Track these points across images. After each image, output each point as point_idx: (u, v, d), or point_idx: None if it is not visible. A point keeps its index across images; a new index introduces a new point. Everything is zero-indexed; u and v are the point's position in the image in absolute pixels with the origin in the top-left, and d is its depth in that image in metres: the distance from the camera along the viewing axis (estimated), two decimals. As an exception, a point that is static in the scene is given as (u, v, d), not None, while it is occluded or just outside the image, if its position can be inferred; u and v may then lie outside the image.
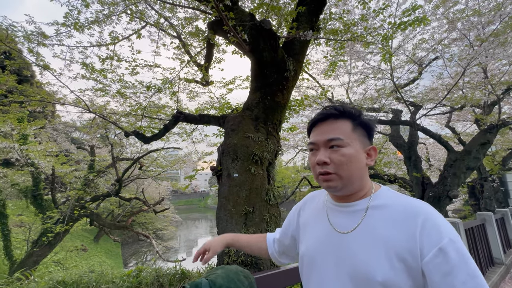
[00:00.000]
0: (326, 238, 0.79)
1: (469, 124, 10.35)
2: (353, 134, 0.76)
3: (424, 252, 0.63)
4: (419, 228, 0.65)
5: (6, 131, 7.32)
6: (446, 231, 0.64)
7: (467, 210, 14.94)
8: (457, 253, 0.61)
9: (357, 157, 0.74)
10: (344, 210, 0.79)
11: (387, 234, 0.68)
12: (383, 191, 0.78)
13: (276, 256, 1.07)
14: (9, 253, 8.58)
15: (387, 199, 0.75)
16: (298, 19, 3.17)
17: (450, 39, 6.12)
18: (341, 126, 0.76)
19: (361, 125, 0.78)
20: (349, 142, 0.74)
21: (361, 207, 0.76)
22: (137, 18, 4.08)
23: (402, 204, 0.72)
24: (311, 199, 0.98)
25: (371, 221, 0.72)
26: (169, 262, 7.35)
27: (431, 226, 0.65)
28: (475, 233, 4.02)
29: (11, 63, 3.93)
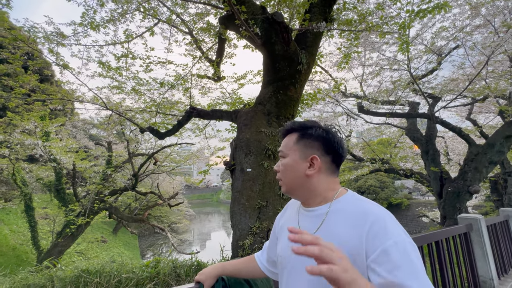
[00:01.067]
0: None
1: (492, 116, 9.81)
2: (294, 146, 0.87)
3: (369, 253, 0.68)
4: (367, 230, 0.71)
5: (30, 128, 7.72)
6: (392, 233, 0.68)
7: (488, 206, 14.30)
8: (401, 254, 0.64)
9: (293, 166, 0.85)
10: (309, 214, 0.87)
11: (341, 236, 0.75)
12: (346, 196, 0.85)
13: (271, 269, 1.08)
14: (36, 243, 9.14)
15: (346, 204, 0.82)
16: (311, 10, 3.10)
17: (472, 26, 5.77)
18: (288, 139, 0.90)
19: (305, 136, 0.86)
20: (289, 153, 0.87)
21: (322, 211, 0.84)
22: (150, 15, 4.14)
23: (357, 208, 0.78)
24: (292, 205, 1.04)
25: (328, 225, 0.80)
26: (184, 254, 7.57)
27: (377, 229, 0.70)
28: (498, 230, 3.85)
29: (33, 63, 4.11)
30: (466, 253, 3.03)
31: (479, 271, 3.11)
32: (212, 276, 1.11)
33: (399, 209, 24.22)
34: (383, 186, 25.22)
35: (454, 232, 2.91)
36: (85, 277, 2.24)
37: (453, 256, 2.75)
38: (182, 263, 2.60)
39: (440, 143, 11.07)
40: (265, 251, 1.12)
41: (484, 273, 3.12)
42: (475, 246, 3.17)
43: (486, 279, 3.10)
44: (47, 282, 2.17)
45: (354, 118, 9.32)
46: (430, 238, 2.48)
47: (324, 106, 9.24)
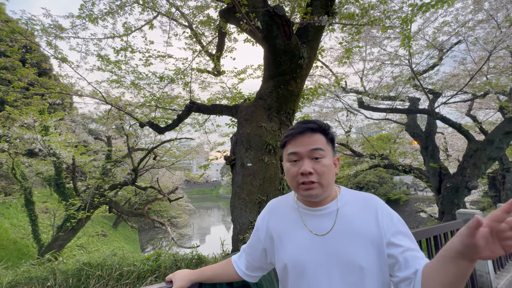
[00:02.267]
0: (309, 243, 0.85)
1: (492, 112, 9.81)
2: (327, 147, 0.86)
3: (386, 232, 0.79)
4: (380, 217, 0.81)
5: (29, 122, 7.68)
6: (393, 213, 0.84)
7: (485, 201, 14.43)
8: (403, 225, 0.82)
9: (332, 166, 0.85)
10: (318, 214, 0.87)
11: (359, 227, 0.81)
12: (344, 191, 0.91)
13: (248, 273, 1.05)
14: (37, 236, 9.20)
15: (349, 198, 0.88)
16: (313, 3, 3.06)
17: (475, 21, 5.72)
18: (318, 138, 0.85)
19: (330, 140, 0.89)
20: (327, 153, 0.85)
21: (333, 208, 0.86)
22: (149, 8, 4.08)
23: (360, 200, 0.87)
24: (275, 207, 1.00)
25: (344, 219, 0.84)
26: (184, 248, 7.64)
27: (386, 213, 0.83)
28: (495, 225, 3.89)
29: (31, 57, 4.07)
30: (464, 247, 3.06)
31: (476, 265, 3.16)
32: (187, 279, 1.02)
33: (398, 205, 24.41)
34: (382, 181, 25.35)
35: (452, 227, 2.94)
36: (87, 270, 2.26)
37: (451, 251, 2.79)
38: (183, 257, 2.63)
39: (440, 139, 11.09)
40: (243, 256, 1.07)
41: (480, 268, 3.16)
42: (472, 240, 3.20)
43: (482, 273, 3.15)
44: (49, 275, 2.19)
45: (354, 113, 9.30)
46: (429, 232, 2.50)
47: (324, 101, 9.21)
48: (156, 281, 2.28)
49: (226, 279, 1.10)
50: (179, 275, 1.03)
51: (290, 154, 0.85)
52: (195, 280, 1.05)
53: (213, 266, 1.11)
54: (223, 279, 1.10)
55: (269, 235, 0.95)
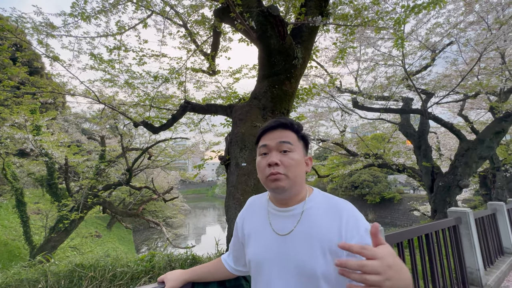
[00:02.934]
0: (270, 242, 0.87)
1: (483, 112, 10.01)
2: (297, 143, 0.88)
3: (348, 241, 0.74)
4: (344, 224, 0.78)
5: (20, 122, 7.54)
6: (362, 222, 0.79)
7: (477, 200, 14.72)
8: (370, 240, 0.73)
9: (301, 162, 0.86)
10: (284, 215, 0.88)
11: (320, 232, 0.79)
12: (316, 194, 0.90)
13: (238, 269, 1.07)
14: (28, 238, 9.04)
15: (318, 201, 0.87)
16: (307, 4, 3.07)
17: (466, 22, 5.83)
18: (289, 134, 0.87)
19: (301, 138, 0.90)
20: (296, 148, 0.86)
21: (298, 210, 0.86)
22: (142, 6, 4.04)
23: (329, 205, 0.85)
24: (251, 205, 1.03)
25: (306, 222, 0.83)
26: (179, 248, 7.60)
27: (352, 222, 0.78)
28: (485, 223, 3.98)
29: (22, 55, 3.99)
30: (455, 245, 3.12)
31: (467, 262, 3.22)
32: (179, 279, 1.03)
33: (392, 203, 24.73)
34: (376, 180, 25.63)
35: (443, 225, 2.99)
36: (79, 271, 2.24)
37: (442, 248, 2.84)
38: (177, 257, 2.62)
39: (432, 138, 11.26)
40: (231, 253, 1.09)
41: (471, 264, 3.23)
42: (463, 238, 3.27)
43: (473, 270, 3.21)
44: (41, 277, 2.16)
45: (348, 113, 9.38)
46: (420, 231, 2.54)
47: (319, 101, 9.27)
48: (150, 282, 2.27)
49: (218, 277, 1.11)
50: (171, 275, 1.04)
51: (261, 147, 0.88)
52: (187, 280, 1.05)
53: (205, 265, 1.12)
54: (216, 277, 1.11)
55: (243, 232, 0.99)
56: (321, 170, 13.02)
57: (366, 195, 25.71)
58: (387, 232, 2.21)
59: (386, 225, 22.22)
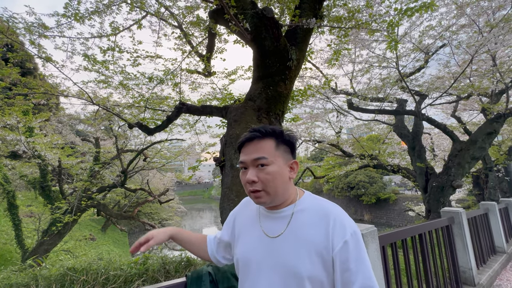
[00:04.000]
0: (258, 243, 0.87)
1: (475, 113, 10.17)
2: (276, 152, 0.84)
3: (334, 245, 0.76)
4: (331, 227, 0.78)
5: (12, 123, 7.40)
6: (349, 227, 0.78)
7: (470, 200, 14.91)
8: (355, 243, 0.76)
9: (280, 173, 0.83)
10: (274, 216, 0.88)
11: (308, 235, 0.80)
12: (305, 197, 0.90)
13: (216, 256, 1.08)
14: (20, 242, 8.87)
15: (307, 204, 0.86)
16: (301, 6, 3.09)
17: (458, 25, 5.93)
18: (265, 145, 0.83)
19: (283, 142, 0.86)
20: (273, 160, 0.82)
21: (288, 213, 0.86)
22: (137, 7, 4.02)
23: (318, 207, 0.84)
24: (246, 205, 1.04)
25: (295, 225, 0.83)
26: (174, 250, 7.54)
27: (339, 225, 0.78)
28: (478, 223, 4.03)
29: (14, 56, 3.93)
30: (448, 245, 3.16)
31: (459, 261, 3.26)
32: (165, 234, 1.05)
33: (387, 204, 24.91)
34: (372, 181, 25.81)
35: (436, 225, 3.03)
36: (71, 275, 2.20)
37: (435, 248, 2.87)
38: (172, 260, 2.59)
39: (426, 139, 11.40)
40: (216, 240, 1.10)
41: (464, 264, 3.27)
42: (456, 238, 3.31)
43: (465, 269, 3.25)
44: (31, 281, 2.11)
45: (344, 114, 9.45)
46: (414, 231, 2.57)
47: (315, 103, 9.32)
48: (144, 285, 2.24)
49: (195, 251, 1.11)
50: (157, 231, 1.04)
51: (239, 162, 0.87)
52: (172, 236, 1.07)
53: (190, 234, 1.13)
54: (193, 250, 1.11)
55: (233, 230, 1.01)
56: (317, 171, 13.07)
57: (362, 195, 25.87)
58: (382, 232, 2.23)
59: (381, 226, 22.38)
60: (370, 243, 1.76)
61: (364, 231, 1.74)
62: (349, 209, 27.24)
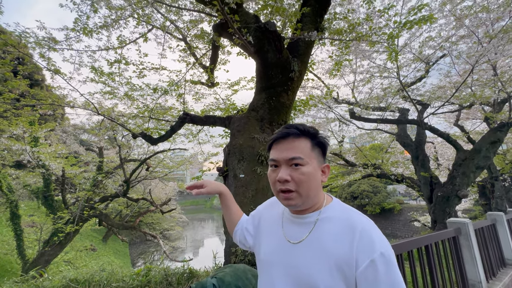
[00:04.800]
0: (279, 247, 0.86)
1: (478, 122, 10.14)
2: (311, 153, 0.81)
3: (359, 263, 0.69)
4: (356, 241, 0.71)
5: (18, 133, 7.53)
6: (379, 244, 0.70)
7: (477, 210, 14.62)
8: (386, 266, 0.68)
9: (315, 175, 0.80)
10: (297, 221, 0.85)
11: (329, 246, 0.74)
12: (334, 204, 0.84)
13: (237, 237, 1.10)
14: (21, 252, 8.81)
15: (334, 212, 0.81)
16: (303, 20, 3.18)
17: (457, 36, 6.01)
18: (300, 144, 0.80)
19: (318, 144, 0.83)
20: (308, 161, 0.79)
21: (312, 219, 0.82)
22: (143, 21, 4.15)
23: (345, 217, 0.78)
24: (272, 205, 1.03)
25: (317, 233, 0.79)
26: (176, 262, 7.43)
27: (366, 240, 0.71)
28: (486, 234, 3.94)
29: (23, 69, 4.05)
30: (455, 256, 3.09)
31: (468, 274, 3.17)
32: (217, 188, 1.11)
33: (392, 214, 24.49)
34: (376, 191, 25.50)
35: (443, 236, 2.97)
36: (74, 287, 2.19)
37: (443, 260, 2.80)
38: (174, 271, 2.57)
39: (430, 148, 11.33)
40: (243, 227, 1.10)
41: (472, 277, 3.18)
42: (463, 249, 3.24)
43: (474, 282, 3.16)
44: (33, 293, 2.10)
45: (346, 124, 9.47)
46: (420, 242, 2.52)
47: (317, 112, 9.37)
48: (146, 298, 2.22)
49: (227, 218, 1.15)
50: (210, 181, 1.11)
51: (271, 160, 0.84)
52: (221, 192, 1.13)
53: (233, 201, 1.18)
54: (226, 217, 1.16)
55: (258, 226, 1.01)
56: (320, 180, 12.93)
57: (366, 205, 25.50)
58: (387, 244, 2.19)
59: (387, 236, 21.73)
60: (375, 254, 1.73)
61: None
62: (353, 219, 26.74)
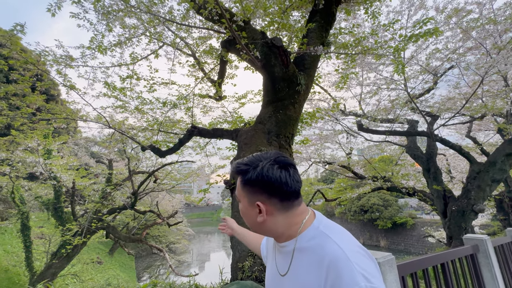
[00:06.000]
0: (273, 278, 0.86)
1: (491, 133, 9.87)
2: (242, 192, 0.80)
3: None
4: (324, 278, 0.65)
5: (32, 146, 7.79)
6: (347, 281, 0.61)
7: (496, 225, 13.92)
8: None
9: (246, 212, 0.81)
10: (282, 250, 0.81)
11: (304, 280, 0.70)
12: (311, 229, 0.75)
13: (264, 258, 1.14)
14: (30, 264, 8.86)
15: (308, 241, 0.74)
16: (308, 35, 3.26)
17: (465, 48, 6.00)
18: (238, 182, 0.82)
19: (248, 182, 0.77)
20: (240, 198, 0.82)
21: (290, 248, 0.77)
22: (155, 39, 4.34)
23: (317, 247, 0.70)
24: None
25: (295, 265, 0.75)
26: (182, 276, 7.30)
27: (333, 277, 0.63)
28: (506, 251, 3.73)
29: (41, 85, 4.26)
30: (474, 276, 2.92)
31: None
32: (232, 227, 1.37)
33: (404, 229, 23.57)
34: (386, 204, 24.73)
35: (460, 253, 2.83)
36: (79, 302, 2.17)
37: (461, 279, 2.65)
38: (180, 286, 2.52)
39: (442, 160, 11.03)
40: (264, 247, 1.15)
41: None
42: (483, 268, 3.06)
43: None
44: (40, 307, 2.09)
45: (354, 136, 9.39)
46: (436, 260, 2.41)
47: (324, 124, 9.35)
48: (151, 314, 2.17)
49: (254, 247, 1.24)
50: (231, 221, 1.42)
51: None
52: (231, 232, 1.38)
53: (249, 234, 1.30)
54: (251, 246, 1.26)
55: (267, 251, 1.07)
56: (328, 193, 12.72)
57: (377, 219, 24.67)
58: (401, 261, 2.10)
59: (399, 253, 20.99)
60: (388, 272, 1.66)
61: (381, 260, 1.65)
62: (364, 234, 25.91)
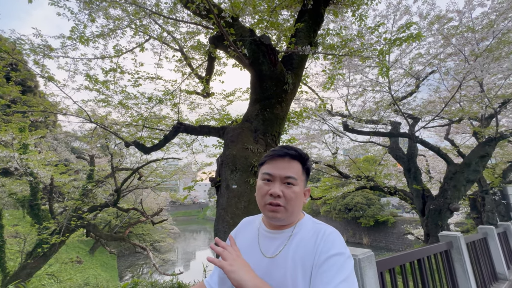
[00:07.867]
0: (256, 263, 0.88)
1: (468, 136, 10.40)
2: (301, 176, 0.90)
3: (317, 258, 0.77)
4: (318, 242, 0.81)
5: (7, 140, 7.34)
6: (339, 246, 0.79)
7: (469, 223, 14.73)
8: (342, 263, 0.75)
9: (301, 195, 0.89)
10: (273, 236, 0.91)
11: (299, 254, 0.81)
12: (305, 220, 0.93)
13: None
14: (2, 264, 8.39)
15: (305, 226, 0.89)
16: (297, 34, 3.28)
17: (445, 53, 6.27)
18: (295, 166, 0.89)
19: (306, 170, 0.92)
20: (299, 182, 0.89)
21: (287, 234, 0.89)
22: (141, 32, 4.21)
23: (312, 228, 0.87)
24: (244, 226, 1.05)
25: (291, 246, 0.85)
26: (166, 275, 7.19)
27: (326, 239, 0.80)
28: (477, 248, 3.96)
29: (16, 75, 4.02)
30: (448, 271, 3.08)
31: (461, 290, 3.14)
32: None
33: (386, 227, 24.42)
34: (369, 203, 25.51)
35: (435, 250, 2.97)
36: (54, 303, 2.08)
37: (435, 274, 2.79)
38: (162, 285, 2.48)
39: (422, 161, 11.50)
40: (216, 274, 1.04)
41: (465, 292, 3.15)
42: (455, 263, 3.23)
43: (467, 298, 3.13)
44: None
45: (340, 136, 9.58)
46: (412, 256, 2.51)
47: (311, 124, 9.48)
48: (131, 314, 2.12)
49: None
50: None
51: (265, 173, 0.90)
52: None
53: None
54: None
55: None
56: (314, 192, 12.94)
57: (360, 218, 25.40)
58: (380, 257, 2.17)
59: (380, 250, 21.75)
60: (367, 268, 1.72)
61: (361, 256, 1.70)
62: (347, 231, 26.60)
